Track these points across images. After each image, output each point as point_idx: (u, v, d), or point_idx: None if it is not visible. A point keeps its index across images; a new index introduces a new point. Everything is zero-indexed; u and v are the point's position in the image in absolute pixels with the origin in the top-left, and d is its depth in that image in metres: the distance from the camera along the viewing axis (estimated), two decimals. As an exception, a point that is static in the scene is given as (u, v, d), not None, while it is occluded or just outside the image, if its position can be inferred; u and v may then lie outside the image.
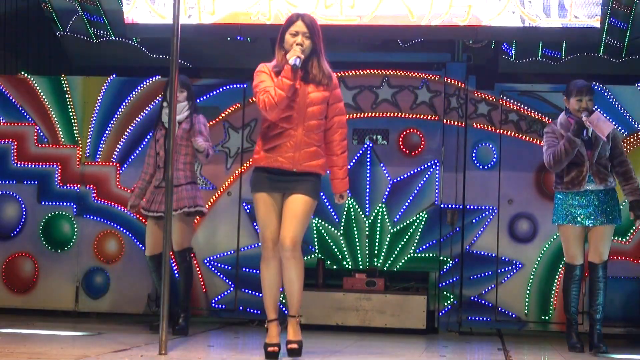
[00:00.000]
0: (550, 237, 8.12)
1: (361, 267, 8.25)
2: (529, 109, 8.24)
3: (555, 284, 8.10)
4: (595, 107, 6.96)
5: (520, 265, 8.15)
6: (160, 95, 7.68)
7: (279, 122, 5.56)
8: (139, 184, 7.40)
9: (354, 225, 8.30)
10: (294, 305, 5.70)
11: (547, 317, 8.10)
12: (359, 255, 8.27)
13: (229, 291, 8.39)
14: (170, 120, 5.93)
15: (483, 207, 8.21)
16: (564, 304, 7.00)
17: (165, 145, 7.08)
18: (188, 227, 7.31)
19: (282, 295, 6.13)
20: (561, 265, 8.04)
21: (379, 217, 8.26)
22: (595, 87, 7.99)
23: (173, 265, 7.68)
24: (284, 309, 8.28)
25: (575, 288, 6.89)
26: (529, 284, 8.11)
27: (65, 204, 8.56)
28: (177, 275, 7.53)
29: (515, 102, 8.25)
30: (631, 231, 8.02)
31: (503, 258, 8.18)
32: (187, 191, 7.20)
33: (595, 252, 6.81)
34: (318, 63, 5.59)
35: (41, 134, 8.64)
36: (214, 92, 8.52)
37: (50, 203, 8.58)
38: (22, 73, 8.86)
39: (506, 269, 8.16)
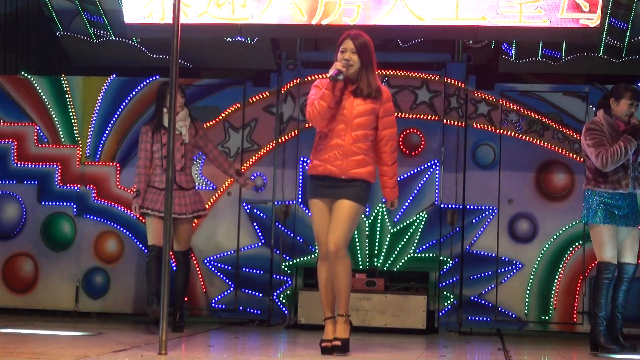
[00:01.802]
0: (551, 237, 8.12)
1: (361, 267, 8.25)
2: (529, 109, 8.24)
3: (555, 284, 8.10)
4: None
5: (520, 265, 8.15)
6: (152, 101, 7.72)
7: (328, 133, 5.97)
8: (142, 186, 7.41)
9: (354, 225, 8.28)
10: (342, 304, 6.00)
11: (547, 317, 8.09)
12: (359, 255, 8.26)
13: (229, 291, 8.39)
14: (171, 121, 5.93)
15: (483, 207, 8.21)
16: (596, 304, 6.80)
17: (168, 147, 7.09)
18: (191, 229, 7.63)
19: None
20: (562, 265, 8.05)
21: (379, 217, 8.26)
22: (595, 87, 8.00)
23: (172, 264, 7.68)
24: (284, 309, 8.29)
25: (612, 287, 6.84)
26: (529, 284, 8.11)
27: (65, 204, 8.57)
28: (173, 274, 7.50)
29: (515, 102, 8.25)
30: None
31: (503, 258, 8.18)
32: (196, 195, 7.55)
33: (630, 253, 6.82)
34: (367, 77, 5.97)
35: (41, 134, 8.64)
36: (214, 93, 8.52)
37: (50, 203, 8.58)
38: (22, 73, 8.86)
39: (506, 269, 8.16)
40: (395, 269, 8.25)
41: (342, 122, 5.95)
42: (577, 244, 8.10)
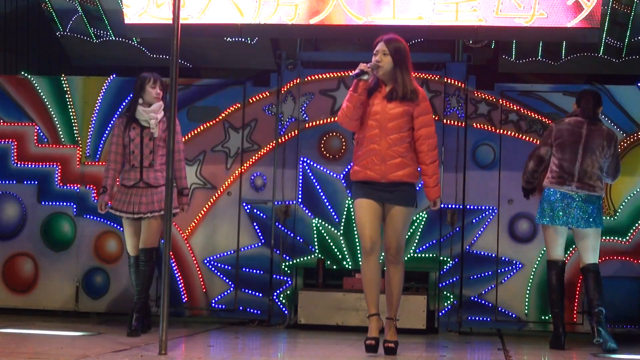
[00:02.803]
0: (550, 237, 8.12)
1: (361, 267, 8.24)
2: (529, 109, 8.24)
3: (555, 284, 8.10)
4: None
5: (520, 265, 8.15)
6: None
7: (365, 139, 6.08)
8: (109, 182, 7.13)
9: (354, 225, 8.28)
10: (392, 308, 6.18)
11: (547, 317, 8.08)
12: (359, 255, 8.26)
13: (229, 291, 8.39)
14: (171, 120, 5.93)
15: (483, 207, 8.21)
16: (556, 303, 7.10)
17: (141, 144, 7.04)
18: (160, 228, 7.10)
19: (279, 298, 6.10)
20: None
21: (379, 217, 8.25)
22: (595, 87, 7.99)
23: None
24: (284, 309, 8.29)
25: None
26: (529, 284, 8.11)
27: (65, 204, 8.56)
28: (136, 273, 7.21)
29: (515, 102, 8.25)
30: (631, 231, 8.02)
31: (503, 258, 8.18)
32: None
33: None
34: (402, 79, 6.05)
35: (41, 134, 8.64)
36: (214, 92, 8.52)
37: (50, 203, 8.58)
38: (22, 73, 8.86)
39: (506, 269, 8.16)
40: (395, 269, 8.24)
41: (376, 127, 6.04)
42: (577, 244, 8.11)
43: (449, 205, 8.18)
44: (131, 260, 7.21)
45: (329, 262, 8.32)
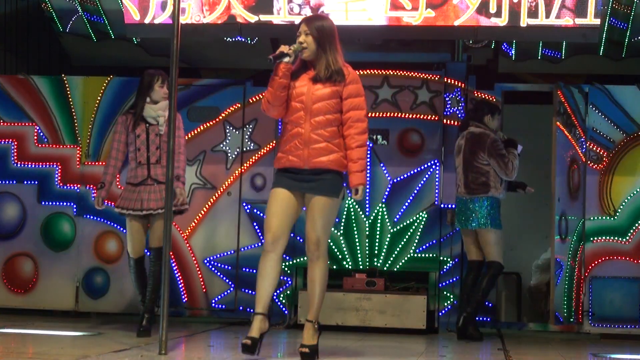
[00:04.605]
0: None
1: (361, 267, 8.25)
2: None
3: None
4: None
5: (520, 265, 8.16)
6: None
7: (289, 123, 5.68)
8: (108, 178, 7.04)
9: (354, 225, 8.30)
10: (313, 309, 5.72)
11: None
12: (359, 255, 8.27)
13: (229, 291, 8.39)
14: (171, 120, 5.93)
15: (483, 207, 8.20)
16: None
17: (147, 141, 7.01)
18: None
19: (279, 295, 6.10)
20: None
21: (379, 217, 8.26)
22: (595, 87, 8.00)
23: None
24: (284, 309, 8.29)
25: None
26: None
27: (65, 204, 8.56)
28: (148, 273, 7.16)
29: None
30: (631, 231, 8.02)
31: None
32: (175, 189, 6.94)
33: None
34: (325, 59, 5.67)
35: (41, 134, 8.64)
36: (214, 92, 8.52)
37: (50, 203, 8.58)
38: (22, 73, 8.86)
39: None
40: (395, 269, 8.25)
41: (301, 109, 5.64)
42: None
43: (449, 205, 8.18)
44: (131, 262, 7.07)
45: (329, 262, 8.30)
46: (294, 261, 8.31)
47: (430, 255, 8.22)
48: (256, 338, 5.55)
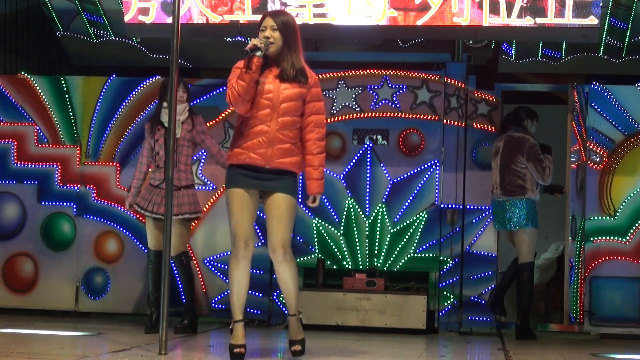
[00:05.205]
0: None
1: (361, 267, 8.25)
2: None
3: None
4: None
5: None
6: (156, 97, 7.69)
7: (252, 118, 5.52)
8: (134, 182, 7.40)
9: (354, 225, 8.30)
10: (292, 305, 5.71)
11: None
12: (359, 255, 8.26)
13: (229, 291, 8.34)
14: (171, 120, 5.93)
15: (483, 207, 8.21)
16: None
17: (165, 145, 7.08)
18: (186, 231, 7.35)
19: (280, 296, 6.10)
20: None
21: (379, 217, 8.26)
22: (595, 87, 8.00)
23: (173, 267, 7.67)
24: (284, 309, 8.29)
25: None
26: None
27: (65, 204, 8.56)
28: (177, 277, 7.51)
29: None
30: (631, 231, 8.01)
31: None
32: (188, 197, 7.25)
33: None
34: (290, 58, 5.55)
35: (41, 134, 8.64)
36: (214, 92, 8.52)
37: (50, 203, 8.58)
38: (22, 73, 8.86)
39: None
40: (395, 269, 8.25)
41: (267, 106, 5.49)
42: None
43: (449, 205, 8.18)
44: (151, 256, 7.35)
45: (329, 262, 8.32)
46: (294, 261, 8.30)
47: (430, 255, 8.22)
48: (244, 344, 5.61)
